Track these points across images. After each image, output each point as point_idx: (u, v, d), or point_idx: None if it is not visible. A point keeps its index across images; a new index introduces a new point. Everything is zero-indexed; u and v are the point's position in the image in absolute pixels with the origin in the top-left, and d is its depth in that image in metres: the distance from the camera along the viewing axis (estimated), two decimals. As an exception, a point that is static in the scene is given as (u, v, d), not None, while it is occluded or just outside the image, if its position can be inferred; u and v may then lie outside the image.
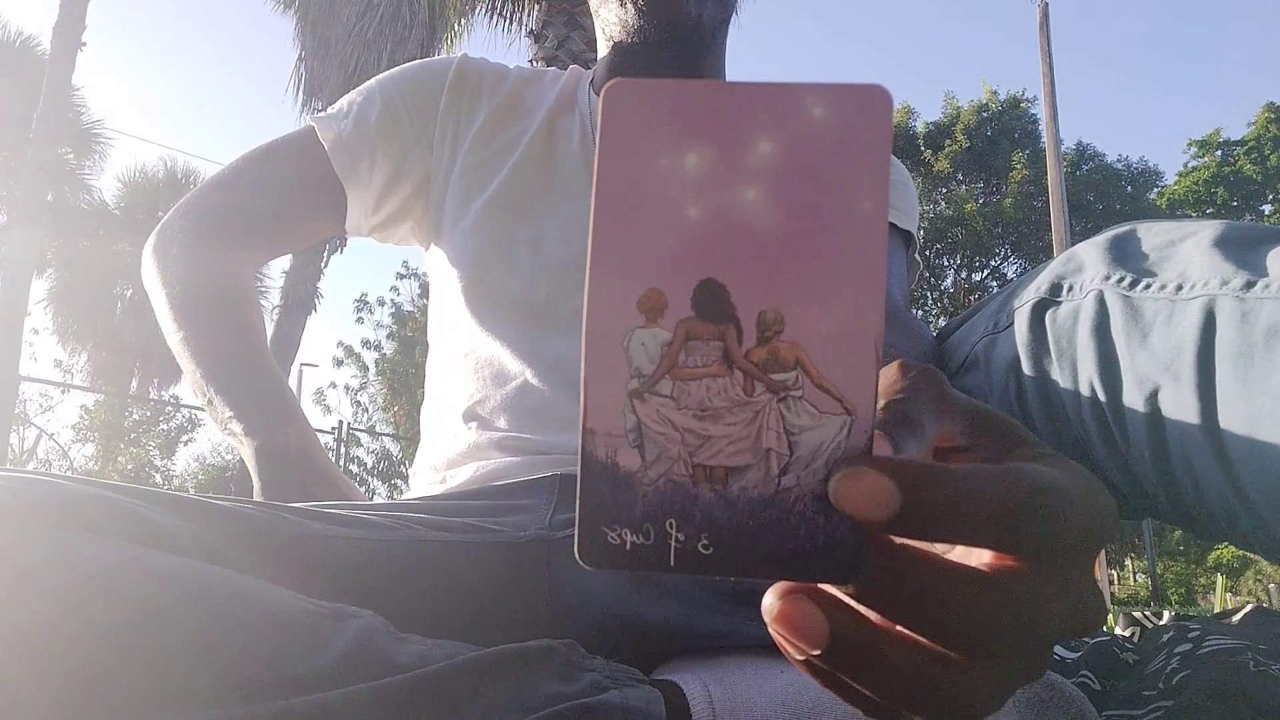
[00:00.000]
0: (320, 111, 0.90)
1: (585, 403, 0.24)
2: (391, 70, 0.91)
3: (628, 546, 0.23)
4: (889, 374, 0.28)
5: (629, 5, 0.80)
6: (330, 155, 0.84)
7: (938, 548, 0.25)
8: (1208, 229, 0.39)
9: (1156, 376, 0.36)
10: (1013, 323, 0.44)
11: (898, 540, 0.23)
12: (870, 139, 0.22)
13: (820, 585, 0.24)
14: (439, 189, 0.85)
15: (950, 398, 0.27)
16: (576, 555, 0.24)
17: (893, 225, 0.81)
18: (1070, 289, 0.41)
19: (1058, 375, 0.41)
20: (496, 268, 0.78)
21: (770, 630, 0.24)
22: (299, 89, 9.61)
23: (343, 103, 0.88)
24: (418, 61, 0.92)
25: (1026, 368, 0.42)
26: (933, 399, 0.27)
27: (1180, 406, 0.36)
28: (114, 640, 0.35)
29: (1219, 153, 17.09)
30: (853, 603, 0.24)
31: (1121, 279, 0.39)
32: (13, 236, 6.54)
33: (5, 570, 0.36)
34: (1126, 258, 0.40)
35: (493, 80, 0.89)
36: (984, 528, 0.22)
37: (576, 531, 0.24)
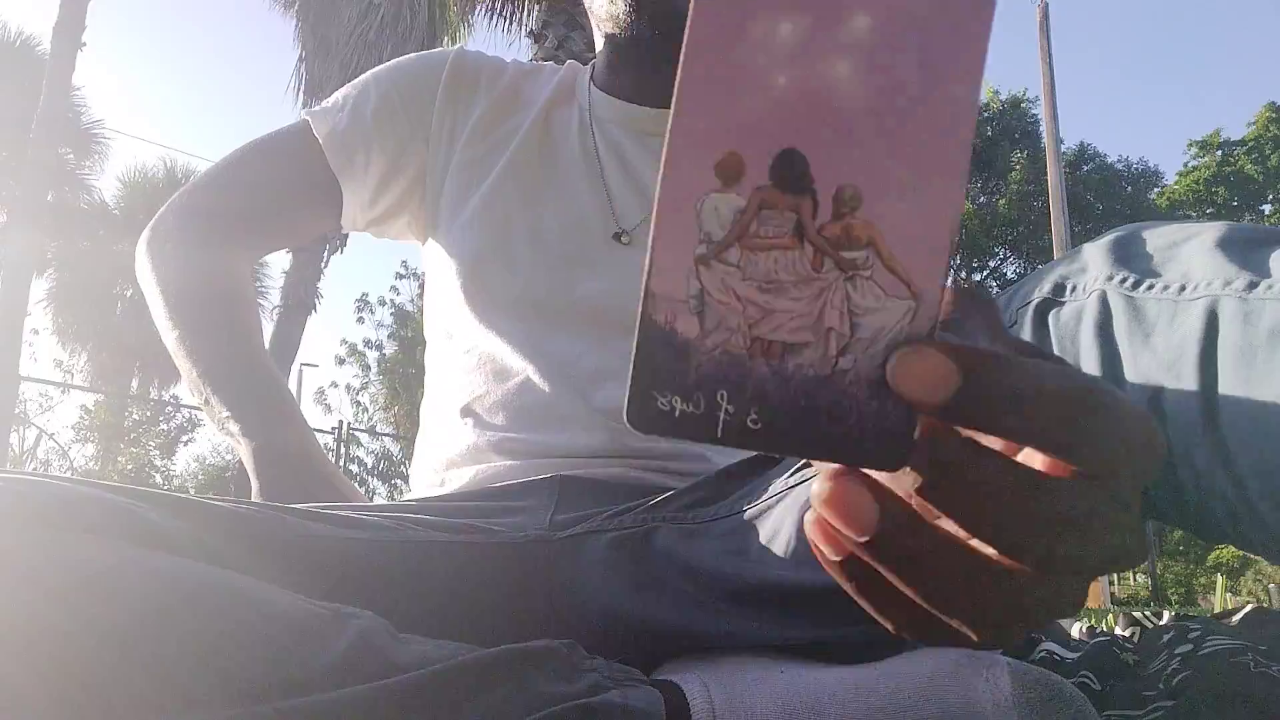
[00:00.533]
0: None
1: (650, 264, 0.23)
2: (387, 63, 0.90)
3: (676, 414, 0.23)
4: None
5: (620, 1, 0.79)
6: (325, 150, 0.83)
7: (996, 444, 0.24)
8: (1211, 230, 0.39)
9: (1159, 377, 0.36)
10: (1015, 322, 0.44)
11: (956, 431, 0.23)
12: (971, 19, 0.21)
13: (869, 472, 0.23)
14: (435, 183, 0.85)
15: (1001, 323, 0.27)
16: (625, 419, 0.23)
17: None
18: (1074, 289, 0.41)
19: None
20: (495, 264, 0.78)
21: (813, 520, 0.24)
22: (300, 90, 9.61)
23: (338, 96, 0.87)
24: (414, 54, 0.91)
25: None
26: (986, 319, 0.26)
27: (1182, 407, 0.36)
28: (115, 642, 0.35)
29: (1219, 153, 17.08)
30: (905, 496, 0.23)
31: (1124, 279, 0.39)
32: (13, 236, 6.54)
33: (6, 572, 0.36)
34: (1130, 258, 0.40)
35: (490, 73, 0.88)
36: (1043, 422, 0.22)
37: (627, 395, 0.23)
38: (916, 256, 0.22)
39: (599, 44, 0.87)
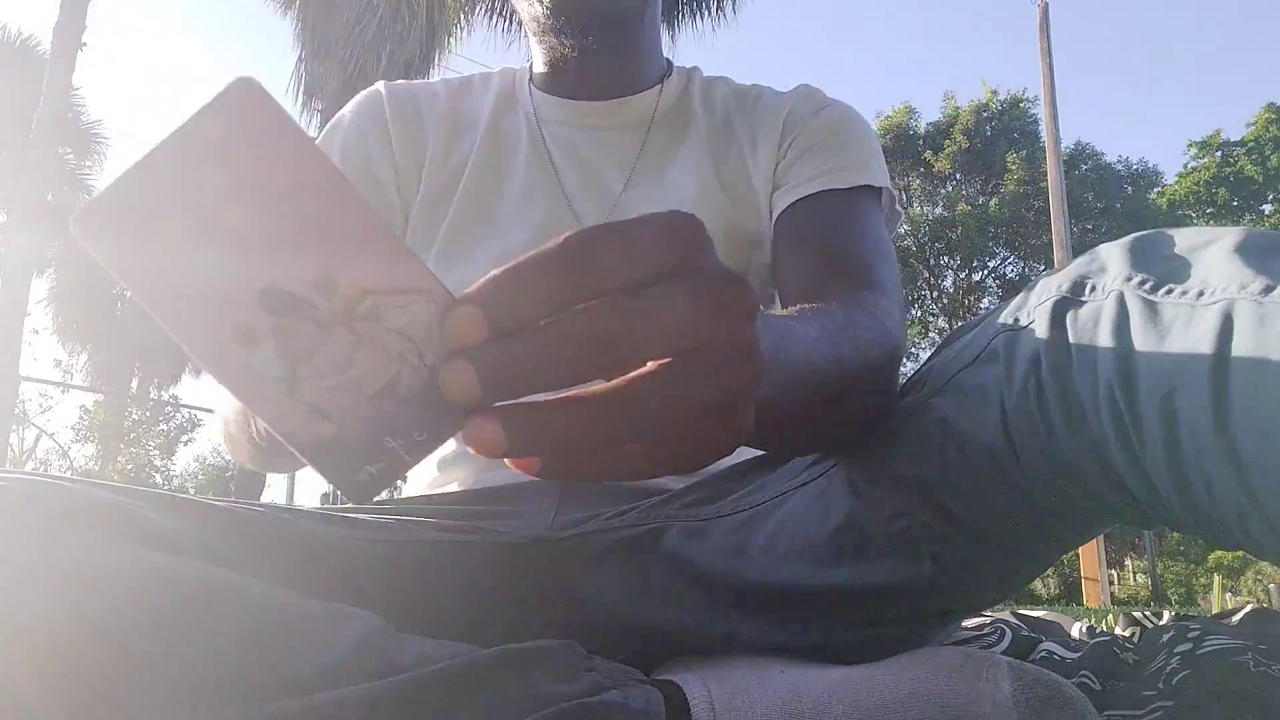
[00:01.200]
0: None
1: (268, 426, 0.27)
2: (327, 132, 0.84)
3: (376, 472, 0.28)
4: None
5: (537, 3, 0.77)
6: None
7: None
8: (1231, 235, 0.39)
9: (1172, 379, 0.36)
10: (1034, 320, 0.44)
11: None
12: (270, 122, 0.25)
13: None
14: (406, 209, 0.82)
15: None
16: (353, 503, 0.28)
17: (865, 187, 0.75)
18: (1092, 289, 0.41)
19: (1077, 375, 0.41)
20: None
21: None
22: (299, 90, 9.60)
23: None
24: (347, 110, 0.86)
25: (1046, 366, 0.42)
26: None
27: (1195, 409, 0.35)
28: (116, 641, 0.35)
29: (1219, 153, 17.06)
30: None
31: (1143, 281, 0.39)
32: (13, 236, 6.54)
33: (8, 571, 0.36)
34: (1150, 261, 0.40)
35: (426, 99, 0.85)
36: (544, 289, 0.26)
37: (342, 493, 0.28)
38: (393, 269, 0.27)
39: (532, 47, 0.85)
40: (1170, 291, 0.38)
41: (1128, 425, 0.38)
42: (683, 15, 8.98)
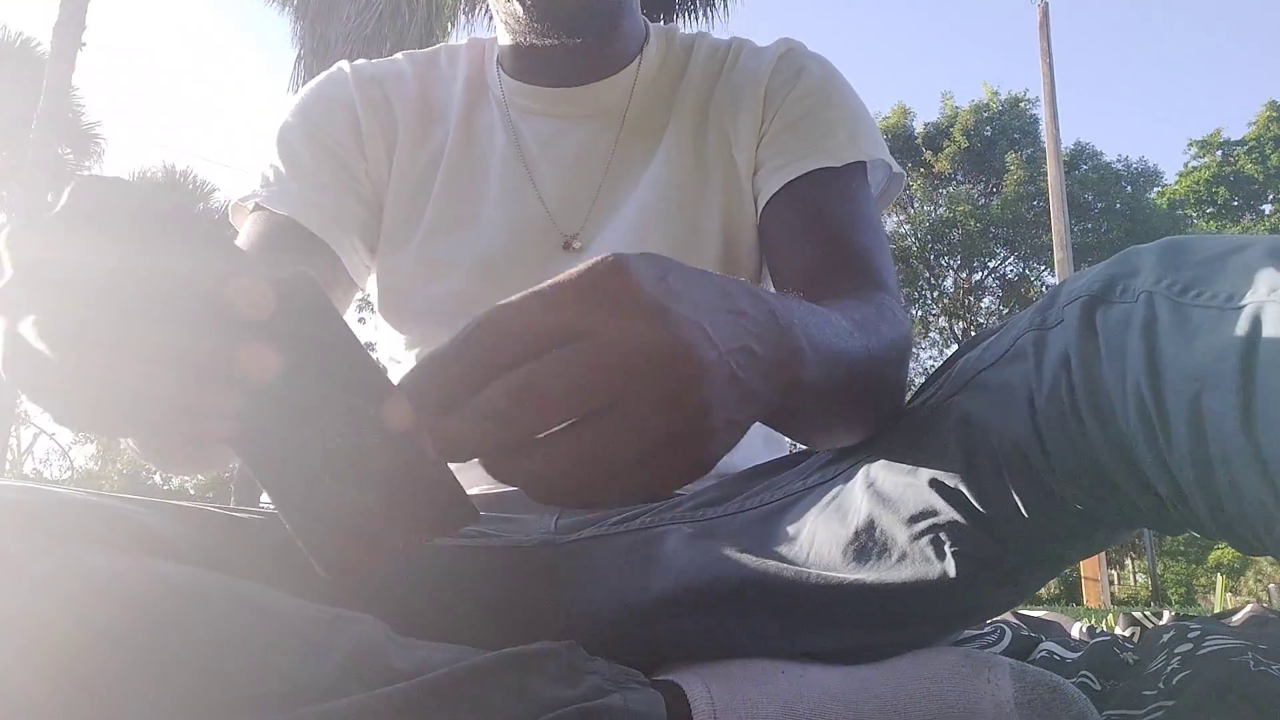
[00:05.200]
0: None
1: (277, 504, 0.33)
2: (290, 116, 0.80)
3: (355, 552, 0.34)
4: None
5: (517, 3, 0.73)
6: (305, 223, 0.73)
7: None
8: (1263, 242, 0.39)
9: (1199, 381, 0.36)
10: (1063, 319, 0.44)
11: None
12: (318, 318, 0.32)
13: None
14: (377, 203, 0.79)
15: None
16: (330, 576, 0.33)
17: (857, 163, 0.72)
18: (1123, 291, 0.42)
19: (1106, 374, 0.41)
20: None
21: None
22: (299, 88, 9.60)
23: (267, 172, 0.77)
24: (310, 89, 0.82)
25: (1075, 364, 0.42)
26: None
27: (1221, 411, 0.35)
28: (119, 648, 0.36)
29: (1219, 152, 17.05)
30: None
31: (1173, 284, 0.40)
32: (13, 236, 6.51)
33: (15, 580, 0.36)
34: (1180, 266, 0.40)
35: (393, 80, 0.81)
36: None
37: (323, 568, 0.33)
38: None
39: (500, 33, 0.80)
40: (1200, 295, 0.38)
41: (1155, 425, 0.38)
42: (677, 13, 8.98)
